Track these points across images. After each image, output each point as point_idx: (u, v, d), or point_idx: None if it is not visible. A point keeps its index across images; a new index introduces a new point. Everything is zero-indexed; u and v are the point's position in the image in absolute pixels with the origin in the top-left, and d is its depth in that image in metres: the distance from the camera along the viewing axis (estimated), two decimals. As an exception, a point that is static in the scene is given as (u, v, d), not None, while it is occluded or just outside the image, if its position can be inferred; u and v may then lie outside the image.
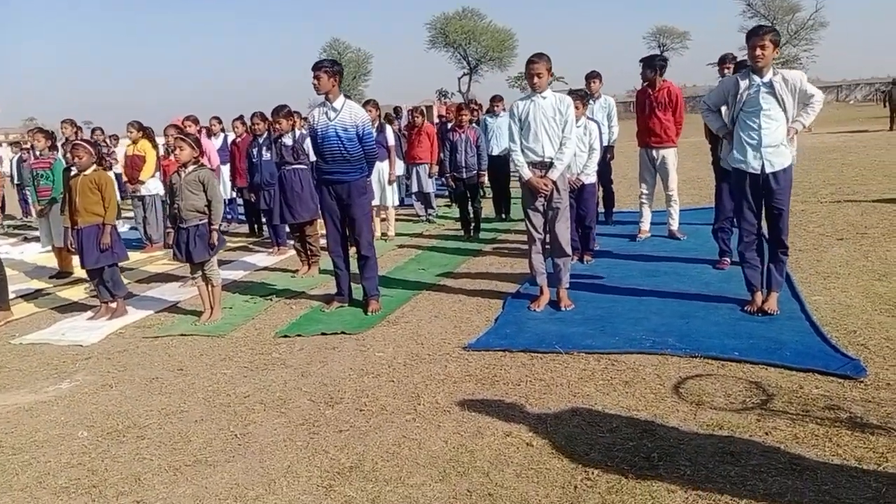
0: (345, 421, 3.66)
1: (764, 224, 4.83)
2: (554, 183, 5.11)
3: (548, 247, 5.45)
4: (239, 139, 10.40)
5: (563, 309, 5.23)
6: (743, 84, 4.67)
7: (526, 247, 7.71)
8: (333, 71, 5.45)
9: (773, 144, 4.58)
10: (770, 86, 4.54)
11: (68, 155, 7.26)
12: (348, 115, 5.55)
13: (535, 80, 5.06)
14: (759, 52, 4.46)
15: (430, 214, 10.49)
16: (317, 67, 5.42)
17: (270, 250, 8.77)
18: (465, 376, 4.12)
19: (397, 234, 9.25)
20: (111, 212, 5.89)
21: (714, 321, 4.74)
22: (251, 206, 10.01)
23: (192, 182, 5.50)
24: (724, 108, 5.03)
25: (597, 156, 6.60)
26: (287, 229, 8.64)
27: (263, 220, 9.94)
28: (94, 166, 5.93)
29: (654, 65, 7.26)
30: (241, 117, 10.85)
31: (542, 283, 5.40)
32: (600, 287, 5.84)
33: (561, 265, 5.30)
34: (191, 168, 5.56)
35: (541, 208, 5.24)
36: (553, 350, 4.38)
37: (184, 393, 4.23)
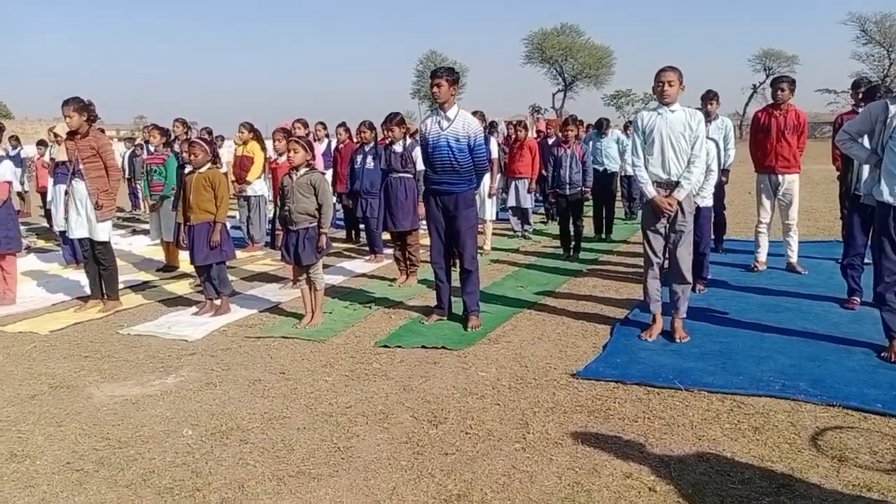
0: (450, 443, 3.49)
1: None
2: (679, 204, 4.82)
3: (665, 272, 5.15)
4: (342, 145, 10.51)
5: (677, 340, 4.91)
6: (893, 109, 4.27)
7: (632, 271, 7.50)
8: (453, 79, 5.34)
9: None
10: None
11: (183, 153, 7.48)
12: (461, 125, 5.42)
13: (666, 88, 4.76)
14: None
15: (525, 230, 10.27)
16: (437, 75, 5.32)
17: (367, 257, 8.77)
18: (576, 406, 3.88)
19: (493, 249, 9.08)
20: (223, 210, 5.97)
21: (849, 367, 4.33)
22: (349, 212, 10.06)
23: (303, 185, 5.50)
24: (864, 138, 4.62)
25: (714, 178, 6.20)
26: (384, 237, 8.63)
27: (361, 226, 9.99)
28: (209, 165, 6.04)
29: (791, 85, 6.84)
30: (343, 124, 10.97)
31: (656, 310, 5.09)
32: (716, 319, 5.48)
33: (679, 293, 4.98)
34: (303, 171, 5.56)
35: (662, 230, 4.95)
36: (671, 385, 4.08)
37: (286, 398, 4.17)
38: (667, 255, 5.09)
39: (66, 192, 6.36)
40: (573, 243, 8.43)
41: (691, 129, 4.81)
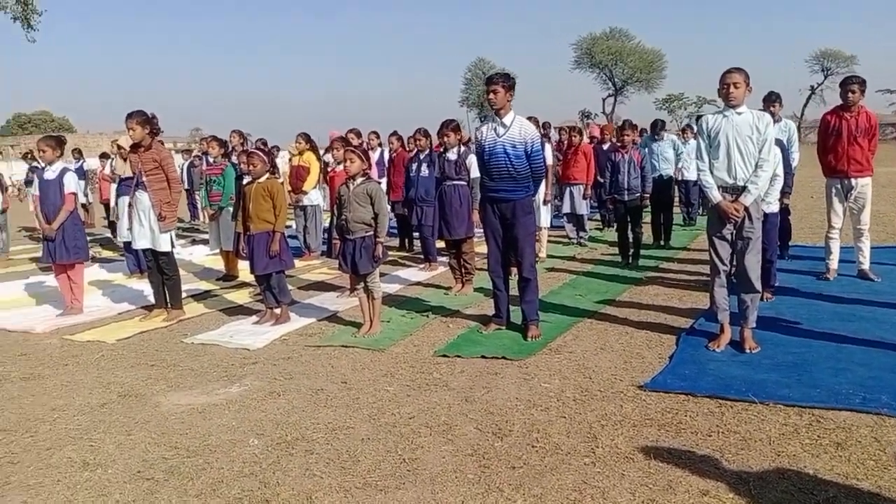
0: (517, 456, 3.42)
1: None
2: (746, 209, 4.66)
3: (733, 280, 4.98)
4: (394, 154, 10.56)
5: (747, 351, 4.74)
6: None
7: (694, 279, 7.31)
8: (509, 85, 5.29)
9: None
10: None
11: (241, 164, 7.60)
12: (518, 131, 5.36)
13: (731, 90, 4.62)
14: None
15: (581, 237, 10.13)
16: (493, 81, 5.28)
17: (422, 265, 8.76)
18: (645, 419, 3.76)
19: (548, 257, 8.97)
20: (281, 220, 6.03)
21: (935, 380, 4.11)
22: (403, 220, 10.08)
23: (360, 194, 5.51)
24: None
25: (779, 183, 6.02)
26: (438, 245, 8.61)
27: (415, 234, 10.00)
28: (267, 175, 6.11)
29: (862, 86, 6.58)
30: (395, 132, 11.02)
31: (724, 320, 4.93)
32: (787, 329, 5.28)
33: (748, 302, 4.81)
34: (359, 180, 5.57)
35: (728, 237, 4.79)
36: (745, 398, 3.93)
37: (349, 408, 4.16)
38: (734, 263, 4.93)
39: (130, 204, 6.51)
40: (632, 251, 8.27)
41: (759, 131, 4.65)
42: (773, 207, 6.11)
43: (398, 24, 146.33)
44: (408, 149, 10.50)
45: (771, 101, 7.65)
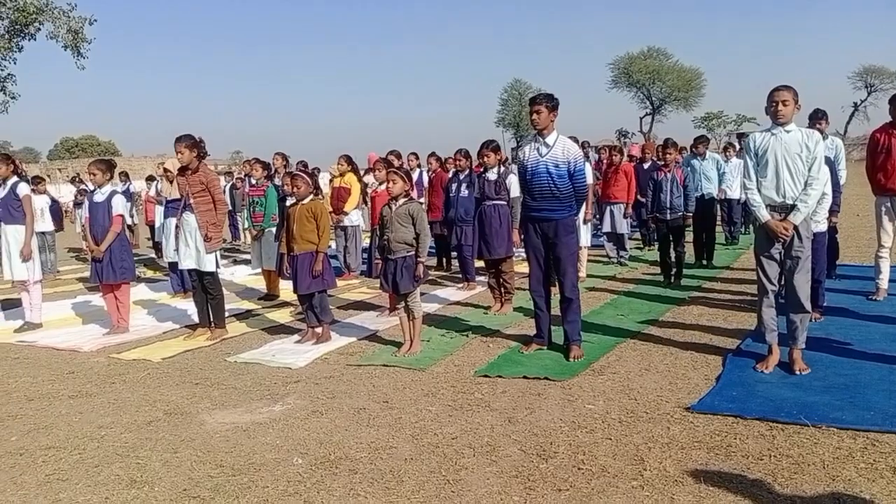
0: (563, 479, 3.36)
1: None
2: (795, 228, 4.57)
3: (781, 300, 4.87)
4: (433, 174, 10.62)
5: (797, 372, 4.62)
6: None
7: (738, 299, 7.17)
8: (552, 106, 5.29)
9: None
10: None
11: (285, 185, 7.71)
12: (561, 150, 5.35)
13: (780, 107, 4.55)
14: None
15: (621, 256, 10.02)
16: (536, 101, 5.29)
17: (460, 285, 8.75)
18: (694, 442, 3.68)
19: (588, 276, 8.89)
20: (325, 240, 6.09)
21: None
22: (442, 240, 10.10)
23: (402, 215, 5.54)
24: None
25: (828, 202, 5.91)
26: (477, 265, 8.61)
27: (454, 254, 10.01)
28: (311, 196, 6.19)
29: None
30: (434, 153, 11.09)
31: (773, 340, 4.81)
32: (837, 350, 5.13)
33: (797, 322, 4.69)
34: (402, 201, 5.61)
35: (777, 256, 4.70)
36: (797, 421, 3.82)
37: (391, 427, 4.15)
38: (782, 283, 4.82)
39: (177, 226, 6.64)
40: (674, 270, 8.15)
41: (808, 149, 4.57)
42: (822, 227, 5.99)
43: (432, 47, 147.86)
44: (447, 169, 10.56)
45: (818, 119, 7.52)
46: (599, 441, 3.79)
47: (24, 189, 7.32)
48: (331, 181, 10.17)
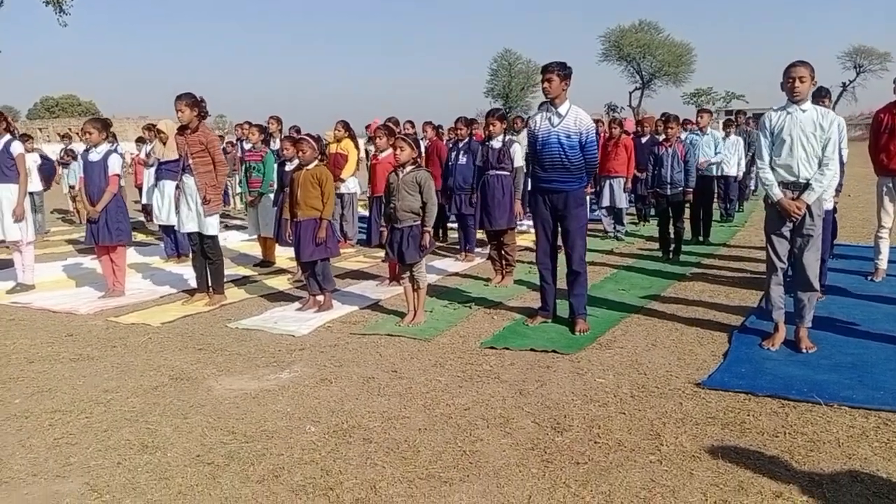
0: (580, 452, 3.37)
1: None
2: (808, 207, 4.56)
3: (788, 278, 4.88)
4: (429, 143, 10.50)
5: (803, 351, 4.65)
6: None
7: (738, 276, 7.19)
8: (565, 74, 5.20)
9: None
10: None
11: (284, 150, 7.58)
12: (573, 121, 5.28)
13: (797, 84, 4.51)
14: None
15: (618, 231, 10.03)
16: (548, 70, 5.19)
17: (458, 256, 8.71)
18: (708, 418, 3.70)
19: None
20: (329, 207, 6.00)
21: None
22: (439, 209, 10.01)
23: (409, 183, 5.47)
24: None
25: (836, 181, 5.90)
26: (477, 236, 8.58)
27: (450, 225, 9.96)
28: (316, 161, 6.08)
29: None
30: (430, 122, 10.96)
31: (779, 318, 4.83)
32: (842, 329, 5.17)
33: (805, 300, 4.71)
34: (409, 169, 5.52)
35: (787, 234, 4.69)
36: (808, 399, 3.84)
37: (402, 397, 4.13)
38: (790, 260, 4.83)
39: (178, 187, 6.52)
40: (673, 245, 8.16)
41: (823, 129, 4.55)
42: (829, 205, 5.98)
43: (423, 14, 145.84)
44: (442, 137, 10.44)
45: (821, 97, 7.44)
46: (613, 415, 3.79)
47: (17, 147, 7.14)
48: (326, 147, 10.02)
